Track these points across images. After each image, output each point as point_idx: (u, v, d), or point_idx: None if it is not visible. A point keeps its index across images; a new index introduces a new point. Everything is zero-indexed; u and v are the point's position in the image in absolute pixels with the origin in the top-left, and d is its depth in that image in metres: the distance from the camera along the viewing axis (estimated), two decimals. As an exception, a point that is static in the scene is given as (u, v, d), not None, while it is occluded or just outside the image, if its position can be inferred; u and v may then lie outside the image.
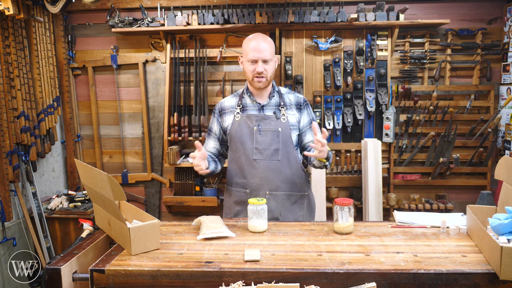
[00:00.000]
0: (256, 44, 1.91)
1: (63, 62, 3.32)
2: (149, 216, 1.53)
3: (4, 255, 2.75)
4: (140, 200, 3.56)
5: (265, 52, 1.90)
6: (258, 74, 1.91)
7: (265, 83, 1.95)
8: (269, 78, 1.95)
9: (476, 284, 1.23)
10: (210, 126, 2.12)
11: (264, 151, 1.96)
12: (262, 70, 1.90)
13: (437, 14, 3.20)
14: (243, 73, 3.30)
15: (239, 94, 2.09)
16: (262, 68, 1.90)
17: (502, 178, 1.53)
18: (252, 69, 1.92)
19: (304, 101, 2.07)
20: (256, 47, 1.90)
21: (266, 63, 1.92)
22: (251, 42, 1.93)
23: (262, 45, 1.91)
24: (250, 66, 1.92)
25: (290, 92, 2.09)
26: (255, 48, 1.90)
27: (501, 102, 3.21)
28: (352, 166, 3.33)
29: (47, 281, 1.30)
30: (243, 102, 2.04)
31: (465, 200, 3.30)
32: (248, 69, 1.93)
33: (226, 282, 1.24)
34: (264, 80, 1.93)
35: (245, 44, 1.96)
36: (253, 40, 1.94)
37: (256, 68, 1.90)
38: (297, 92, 2.37)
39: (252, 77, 1.94)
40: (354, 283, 1.23)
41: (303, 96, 2.09)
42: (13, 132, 2.76)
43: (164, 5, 3.29)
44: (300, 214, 2.04)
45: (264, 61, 1.91)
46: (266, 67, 1.92)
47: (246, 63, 1.94)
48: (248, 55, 1.91)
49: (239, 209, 2.02)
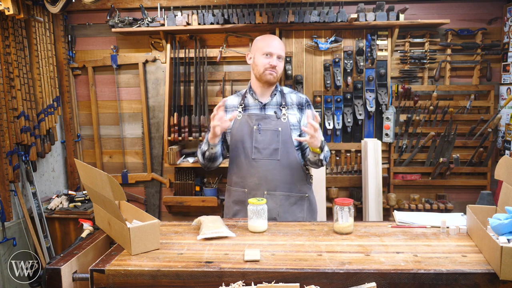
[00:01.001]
0: (272, 41, 1.99)
1: (63, 62, 3.32)
2: (149, 216, 1.53)
3: (4, 255, 2.75)
4: (140, 200, 3.56)
5: (279, 50, 1.98)
6: (272, 67, 1.95)
7: (275, 78, 1.99)
8: (278, 75, 2.00)
9: (476, 284, 1.23)
10: None
11: (263, 151, 1.95)
12: (276, 64, 1.95)
13: (437, 14, 3.20)
14: (243, 73, 3.37)
15: (242, 93, 2.11)
16: (276, 62, 1.96)
17: (502, 178, 1.53)
18: (266, 62, 1.96)
19: (307, 101, 2.06)
20: (272, 43, 1.98)
21: (279, 60, 1.98)
22: (266, 38, 2.02)
23: (277, 43, 1.99)
24: (264, 59, 1.96)
25: (292, 92, 2.10)
26: (270, 44, 1.97)
27: (501, 102, 3.21)
28: (352, 166, 3.33)
29: (47, 281, 1.30)
30: (246, 102, 2.05)
31: (465, 200, 3.30)
32: (261, 62, 1.97)
33: (226, 282, 1.24)
34: (275, 74, 1.98)
35: (258, 41, 2.03)
36: (267, 38, 2.03)
37: (271, 61, 1.95)
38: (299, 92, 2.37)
39: (264, 70, 1.96)
40: (354, 283, 1.23)
41: (305, 97, 2.09)
42: (13, 132, 2.76)
43: (164, 5, 3.29)
44: (300, 216, 2.02)
45: (278, 56, 1.97)
46: (278, 63, 1.98)
47: (260, 57, 1.98)
48: (263, 49, 1.96)
49: (238, 209, 2.02)
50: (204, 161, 2.02)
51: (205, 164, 2.04)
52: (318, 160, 1.92)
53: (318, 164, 1.96)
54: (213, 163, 2.03)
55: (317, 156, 1.89)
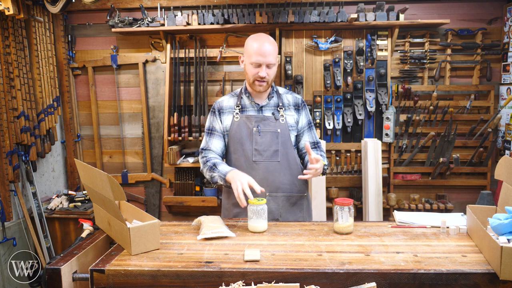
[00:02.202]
0: (260, 47, 1.84)
1: (63, 62, 3.32)
2: (149, 216, 1.53)
3: (4, 255, 2.75)
4: (140, 200, 3.56)
5: (269, 57, 1.85)
6: (260, 79, 1.87)
7: (265, 87, 1.92)
8: (270, 82, 1.93)
9: (476, 284, 1.23)
10: (211, 125, 2.03)
11: (264, 153, 1.94)
12: (265, 75, 1.86)
13: (437, 14, 3.20)
14: (243, 73, 3.35)
15: (237, 94, 2.05)
16: (265, 73, 1.86)
17: (502, 178, 1.53)
18: (255, 72, 1.87)
19: (302, 101, 2.05)
20: (261, 50, 1.84)
21: (269, 68, 1.88)
22: (255, 43, 1.87)
23: (267, 48, 1.85)
24: (253, 69, 1.87)
25: (288, 92, 2.07)
26: (259, 52, 1.84)
27: (501, 102, 3.21)
28: (352, 166, 3.33)
29: (47, 281, 1.30)
30: (242, 103, 2.01)
31: (465, 200, 3.30)
32: (251, 71, 1.88)
33: (226, 282, 1.24)
34: (265, 84, 1.90)
35: (249, 44, 1.90)
36: (258, 41, 1.87)
37: (259, 72, 1.86)
38: (296, 93, 2.36)
39: (253, 80, 1.89)
40: (354, 283, 1.23)
41: (301, 97, 2.08)
42: (13, 132, 2.76)
43: (164, 5, 3.29)
44: (300, 216, 2.02)
45: (267, 65, 1.87)
46: (269, 71, 1.88)
47: (249, 65, 1.89)
48: (252, 58, 1.86)
49: (238, 211, 1.98)
50: (207, 177, 1.96)
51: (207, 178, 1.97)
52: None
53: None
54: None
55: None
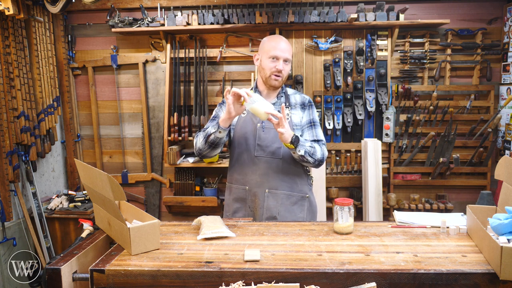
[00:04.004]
0: (278, 43, 1.95)
1: (63, 62, 3.32)
2: (149, 216, 1.53)
3: (4, 255, 2.75)
4: (140, 200, 3.56)
5: (286, 53, 1.95)
6: (278, 72, 1.94)
7: (280, 82, 1.98)
8: (284, 78, 1.99)
9: (476, 284, 1.23)
10: (217, 114, 2.04)
11: (266, 148, 1.96)
12: (282, 68, 1.94)
13: (437, 14, 3.20)
14: (243, 73, 3.37)
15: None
16: (282, 67, 1.94)
17: (502, 178, 1.53)
18: (273, 66, 1.94)
19: (309, 101, 2.08)
20: (279, 45, 1.94)
21: (285, 63, 1.96)
22: (274, 40, 1.98)
23: (285, 46, 1.96)
24: (271, 63, 1.94)
25: (296, 93, 2.12)
26: (278, 47, 1.94)
27: (501, 102, 3.21)
28: (352, 166, 3.33)
29: (47, 281, 1.30)
30: None
31: (465, 200, 3.30)
32: (268, 65, 1.95)
33: (226, 282, 1.24)
34: (281, 79, 1.97)
35: (266, 42, 2.00)
36: (275, 39, 1.99)
37: (277, 65, 1.93)
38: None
39: (270, 74, 1.95)
40: (354, 283, 1.23)
41: (309, 97, 2.11)
42: (13, 132, 2.76)
43: (164, 5, 3.29)
44: (300, 216, 2.02)
45: (284, 60, 1.95)
46: (285, 66, 1.96)
47: (266, 60, 1.96)
48: (270, 52, 1.94)
49: (238, 206, 2.02)
50: (205, 145, 1.91)
51: (205, 149, 1.93)
52: (300, 157, 1.87)
53: (305, 161, 1.90)
54: (214, 150, 1.94)
55: (295, 152, 1.86)
